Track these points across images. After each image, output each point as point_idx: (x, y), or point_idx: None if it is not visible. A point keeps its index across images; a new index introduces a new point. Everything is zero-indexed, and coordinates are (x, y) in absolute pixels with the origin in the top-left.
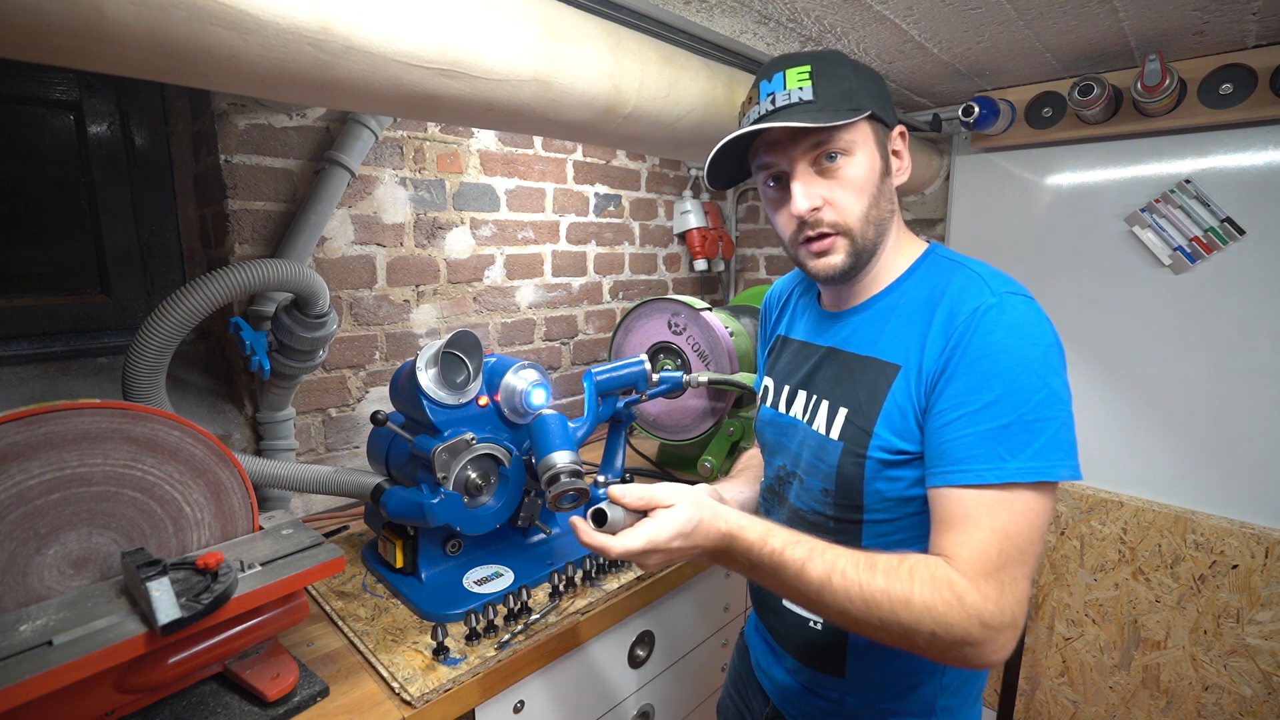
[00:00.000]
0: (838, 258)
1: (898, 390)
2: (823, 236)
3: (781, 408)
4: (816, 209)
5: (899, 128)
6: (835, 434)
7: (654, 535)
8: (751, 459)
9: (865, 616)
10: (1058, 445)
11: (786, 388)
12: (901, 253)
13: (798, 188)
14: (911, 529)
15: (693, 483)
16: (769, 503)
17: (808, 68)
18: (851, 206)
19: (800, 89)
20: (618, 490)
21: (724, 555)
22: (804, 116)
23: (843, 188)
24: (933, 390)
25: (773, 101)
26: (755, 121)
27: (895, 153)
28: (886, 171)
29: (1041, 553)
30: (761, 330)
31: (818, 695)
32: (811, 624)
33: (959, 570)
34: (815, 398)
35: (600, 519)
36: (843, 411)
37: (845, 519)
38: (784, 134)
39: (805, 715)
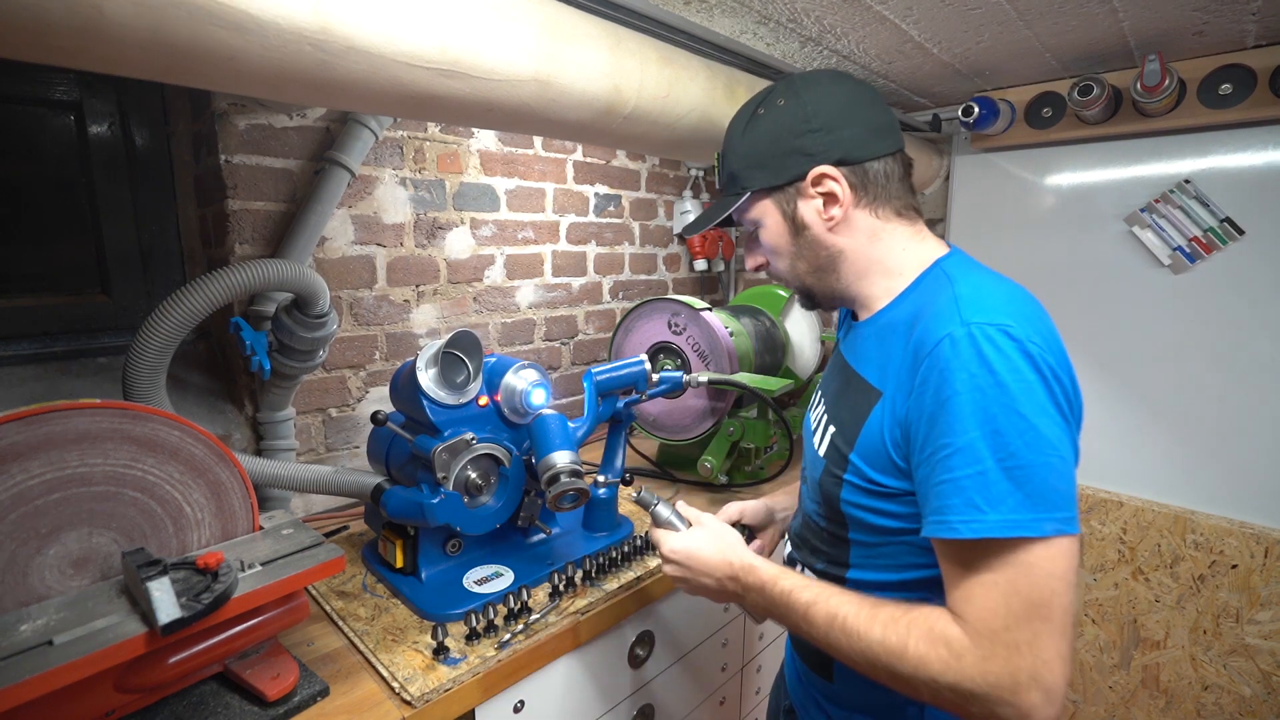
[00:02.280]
0: (799, 297)
1: (874, 419)
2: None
3: (811, 411)
4: (761, 265)
5: (815, 171)
6: (822, 450)
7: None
8: None
9: (868, 668)
10: (1045, 496)
11: (818, 393)
12: (901, 270)
13: (746, 250)
14: (895, 557)
15: (692, 483)
16: (799, 504)
17: (718, 155)
18: (777, 264)
19: (716, 175)
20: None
21: (740, 586)
22: (718, 203)
23: (767, 252)
24: (909, 429)
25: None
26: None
27: (825, 195)
28: (799, 229)
29: (1072, 603)
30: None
31: (813, 695)
32: None
33: (963, 627)
34: (823, 409)
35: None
36: (831, 429)
37: (834, 534)
38: None
39: (805, 711)
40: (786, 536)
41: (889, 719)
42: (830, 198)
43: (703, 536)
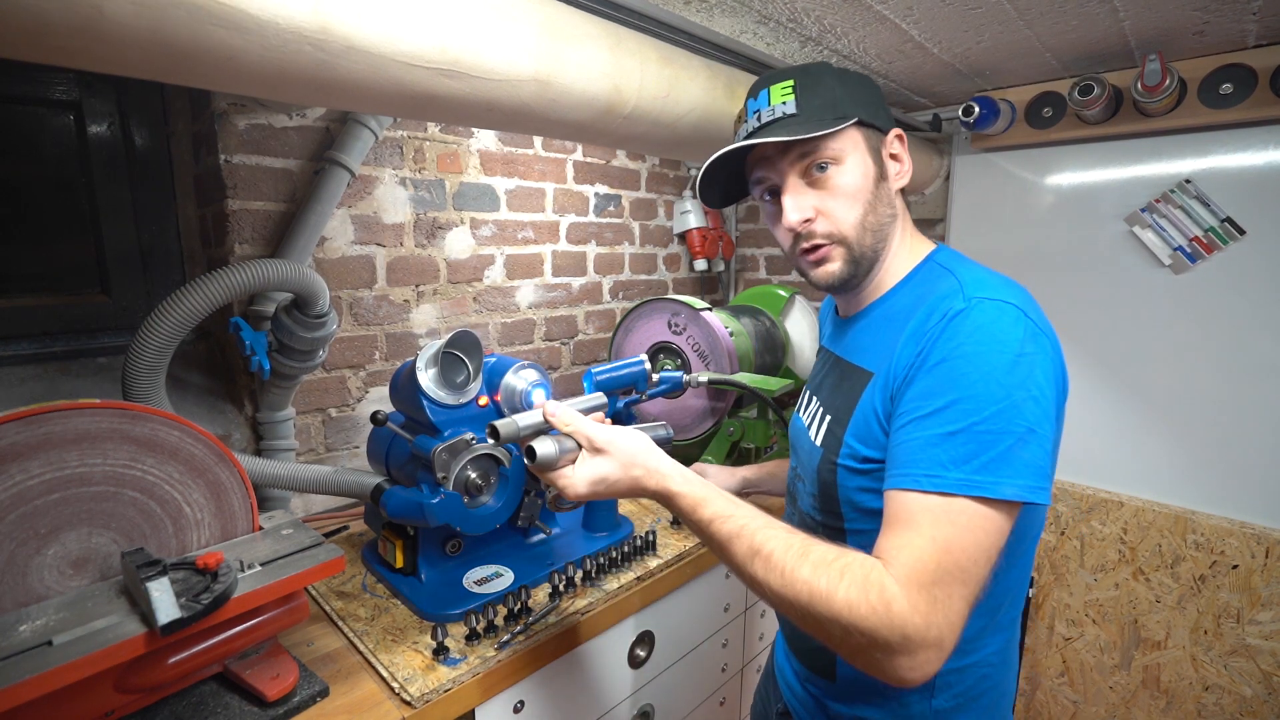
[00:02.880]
0: (835, 265)
1: (867, 397)
2: (818, 247)
3: (801, 412)
4: (808, 220)
5: (895, 131)
6: (819, 441)
7: (599, 432)
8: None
9: (782, 603)
10: (1009, 461)
11: (808, 392)
12: (905, 257)
13: (788, 201)
14: None
15: None
16: (788, 503)
17: (791, 82)
18: (845, 215)
19: (784, 103)
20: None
21: (664, 500)
22: (787, 130)
23: (834, 196)
24: (896, 396)
25: (759, 118)
26: (745, 139)
27: (893, 156)
28: (882, 176)
29: (987, 578)
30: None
31: (812, 696)
32: None
33: (894, 575)
34: (817, 404)
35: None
36: (828, 420)
37: (831, 525)
38: (772, 149)
39: (803, 713)
40: None
41: (895, 713)
42: (896, 160)
43: (607, 465)
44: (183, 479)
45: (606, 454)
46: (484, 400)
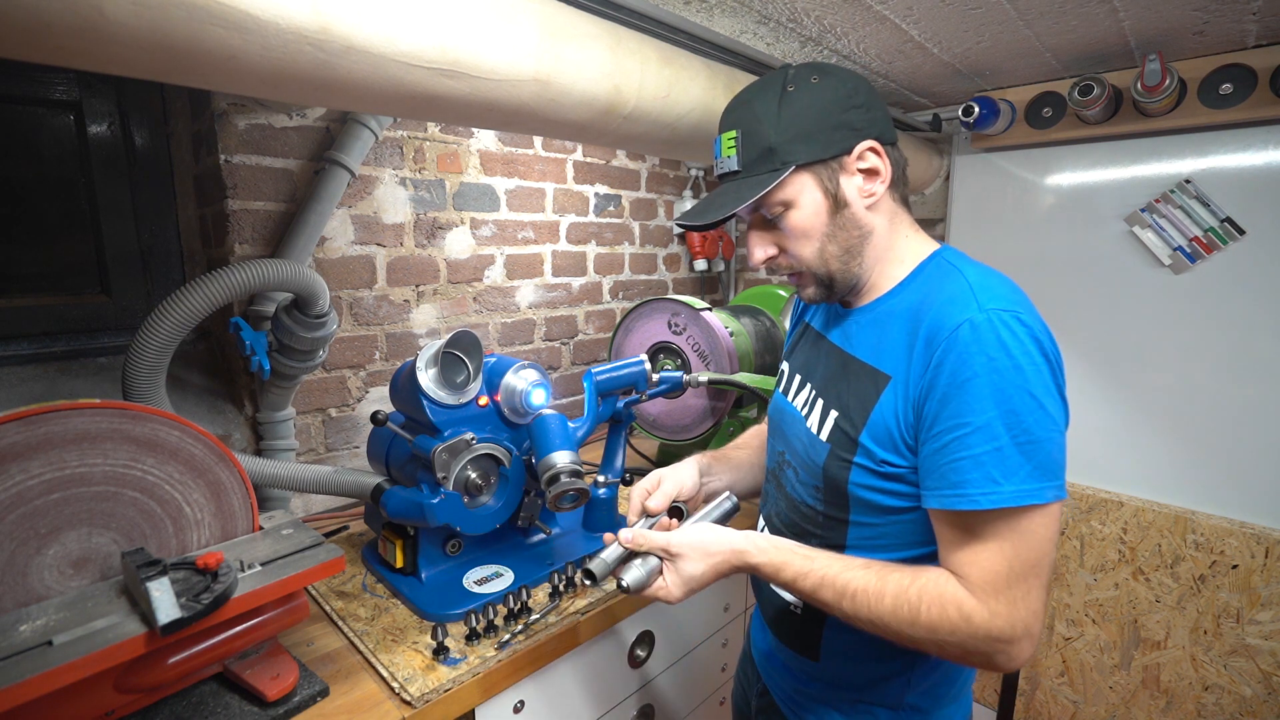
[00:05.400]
0: (809, 290)
1: (886, 402)
2: (790, 273)
3: (790, 396)
4: (771, 257)
5: (865, 144)
6: (824, 435)
7: (673, 541)
8: (752, 438)
9: (875, 631)
10: (1048, 467)
11: (797, 377)
12: (904, 258)
13: (751, 241)
14: (895, 535)
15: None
16: (769, 485)
17: (734, 134)
18: (801, 251)
19: (729, 158)
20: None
21: (750, 571)
22: (729, 192)
23: (790, 236)
24: (921, 408)
25: (718, 166)
26: (719, 176)
27: (864, 171)
28: (839, 205)
29: (1054, 560)
30: (793, 310)
31: (794, 674)
32: (792, 608)
33: (969, 588)
34: (814, 393)
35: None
36: (833, 414)
37: (832, 517)
38: None
39: (784, 691)
40: (763, 525)
41: (877, 692)
42: (871, 174)
43: (690, 566)
44: (183, 479)
45: (686, 557)
46: (484, 400)
